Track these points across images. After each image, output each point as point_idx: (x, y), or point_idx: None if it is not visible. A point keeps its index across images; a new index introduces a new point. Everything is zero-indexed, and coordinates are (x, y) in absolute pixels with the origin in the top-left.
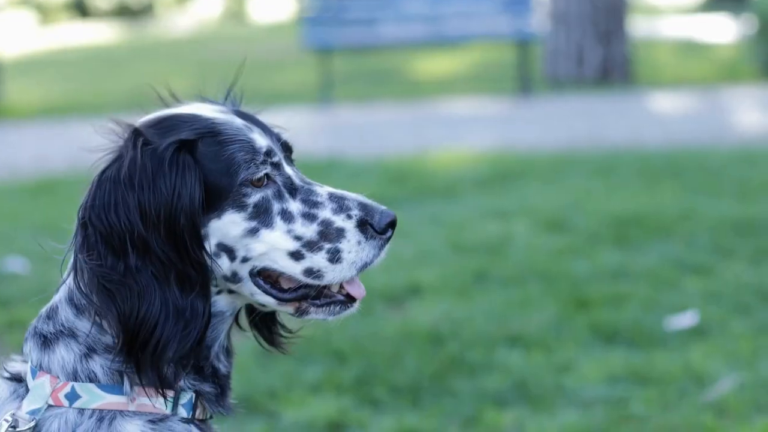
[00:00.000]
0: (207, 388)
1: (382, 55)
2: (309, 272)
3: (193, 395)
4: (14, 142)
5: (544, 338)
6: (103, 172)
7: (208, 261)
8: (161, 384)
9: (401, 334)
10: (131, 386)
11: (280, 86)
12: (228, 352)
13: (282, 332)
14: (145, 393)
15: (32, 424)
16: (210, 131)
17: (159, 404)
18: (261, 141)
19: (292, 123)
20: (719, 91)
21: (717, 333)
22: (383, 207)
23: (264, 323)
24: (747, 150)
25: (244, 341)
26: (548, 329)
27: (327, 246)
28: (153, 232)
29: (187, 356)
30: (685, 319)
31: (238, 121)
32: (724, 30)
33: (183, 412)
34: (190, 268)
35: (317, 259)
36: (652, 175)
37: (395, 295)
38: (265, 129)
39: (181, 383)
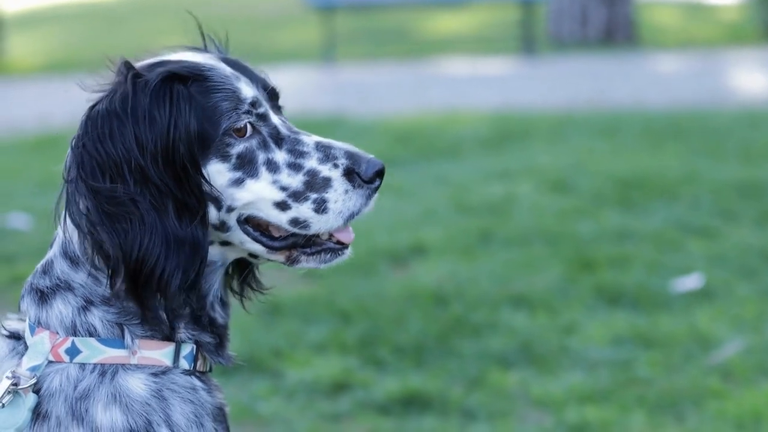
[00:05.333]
0: (206, 338)
1: (385, 14)
2: (295, 222)
3: (194, 347)
4: (15, 98)
5: (549, 299)
6: (95, 105)
7: (207, 188)
8: (169, 319)
9: (405, 295)
10: (132, 339)
11: (283, 44)
12: (223, 302)
13: (255, 287)
14: (147, 345)
15: (33, 380)
16: (198, 75)
17: (160, 356)
18: (247, 91)
19: (295, 81)
20: (722, 53)
21: (722, 296)
22: (371, 156)
23: (247, 276)
24: (750, 112)
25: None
26: (553, 290)
27: (313, 196)
28: (150, 161)
29: (191, 289)
30: (690, 282)
31: (227, 69)
32: None
33: (185, 364)
34: (191, 197)
35: (303, 210)
36: (656, 137)
37: (399, 255)
38: (253, 77)
39: (182, 334)
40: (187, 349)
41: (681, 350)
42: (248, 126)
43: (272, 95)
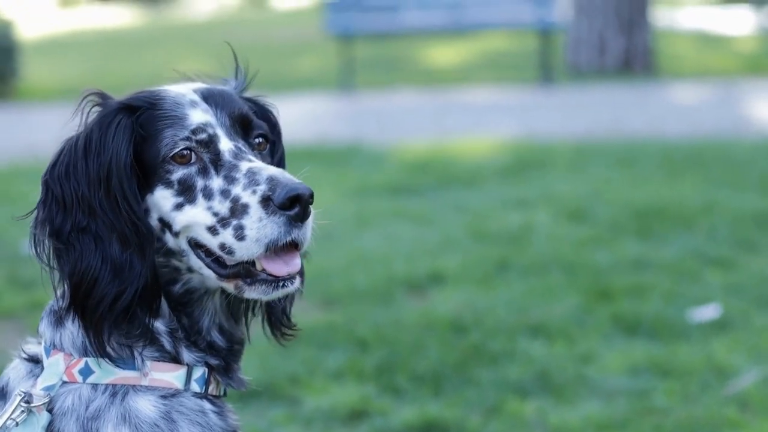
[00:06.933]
0: (213, 360)
1: (403, 42)
2: (222, 247)
3: (206, 370)
4: (34, 124)
5: (566, 329)
6: (70, 138)
7: (137, 221)
8: (95, 338)
9: (423, 323)
10: (142, 361)
11: (301, 72)
12: (221, 329)
13: (284, 323)
14: (159, 367)
15: (47, 399)
16: (151, 104)
17: (172, 379)
18: (196, 118)
19: (313, 109)
20: (740, 83)
21: (739, 326)
22: (295, 182)
23: (270, 311)
24: None
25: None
26: (570, 320)
27: (234, 222)
28: (95, 193)
29: (125, 313)
30: (708, 312)
31: (184, 97)
32: (743, 23)
33: (196, 387)
34: (125, 227)
35: (226, 235)
36: (674, 167)
37: (417, 283)
38: (223, 105)
39: (186, 357)
40: (198, 372)
41: (698, 380)
42: (191, 153)
43: (240, 123)
